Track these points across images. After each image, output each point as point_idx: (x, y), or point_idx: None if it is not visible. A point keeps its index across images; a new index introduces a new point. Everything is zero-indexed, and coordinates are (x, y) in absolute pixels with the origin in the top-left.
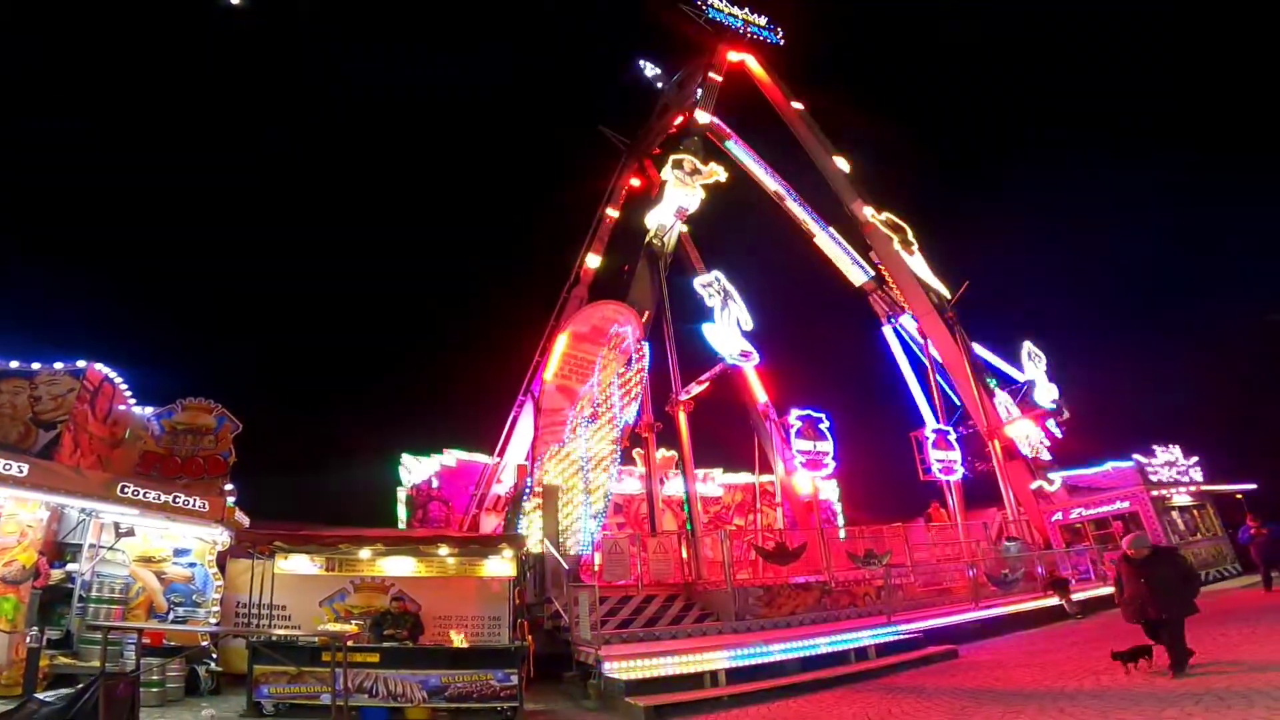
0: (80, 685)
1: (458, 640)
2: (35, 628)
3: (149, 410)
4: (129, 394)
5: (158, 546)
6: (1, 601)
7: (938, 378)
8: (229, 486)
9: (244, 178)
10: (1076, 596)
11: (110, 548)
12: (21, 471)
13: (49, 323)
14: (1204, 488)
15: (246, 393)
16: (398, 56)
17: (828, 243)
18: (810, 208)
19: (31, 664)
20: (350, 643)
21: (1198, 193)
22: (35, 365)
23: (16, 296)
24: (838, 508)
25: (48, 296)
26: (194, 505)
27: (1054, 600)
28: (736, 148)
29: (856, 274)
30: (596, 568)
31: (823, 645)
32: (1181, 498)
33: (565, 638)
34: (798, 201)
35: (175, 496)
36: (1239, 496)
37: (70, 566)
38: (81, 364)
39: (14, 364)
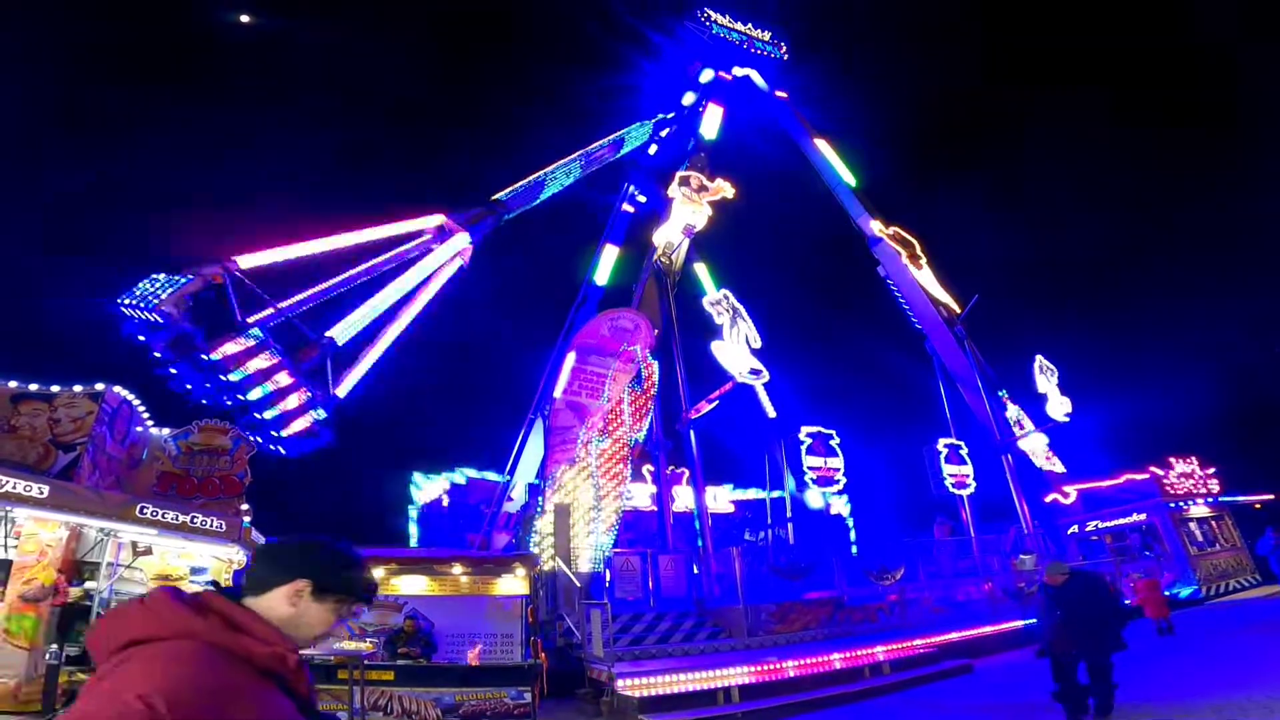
0: None
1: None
2: (54, 645)
3: (166, 431)
4: (146, 416)
5: (175, 565)
6: (21, 619)
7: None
8: (245, 506)
9: (253, 188)
10: None
11: (128, 566)
12: (41, 493)
13: (68, 345)
14: (1222, 498)
15: None
16: (396, 62)
17: None
18: None
19: (51, 680)
20: (365, 661)
21: (1216, 198)
22: (55, 388)
23: (37, 319)
24: (850, 523)
25: (68, 319)
26: (211, 525)
27: None
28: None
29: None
30: (608, 585)
31: (837, 661)
32: (1199, 508)
33: (578, 655)
34: None
35: (193, 516)
36: (1258, 506)
37: (89, 584)
38: (100, 386)
39: (33, 386)
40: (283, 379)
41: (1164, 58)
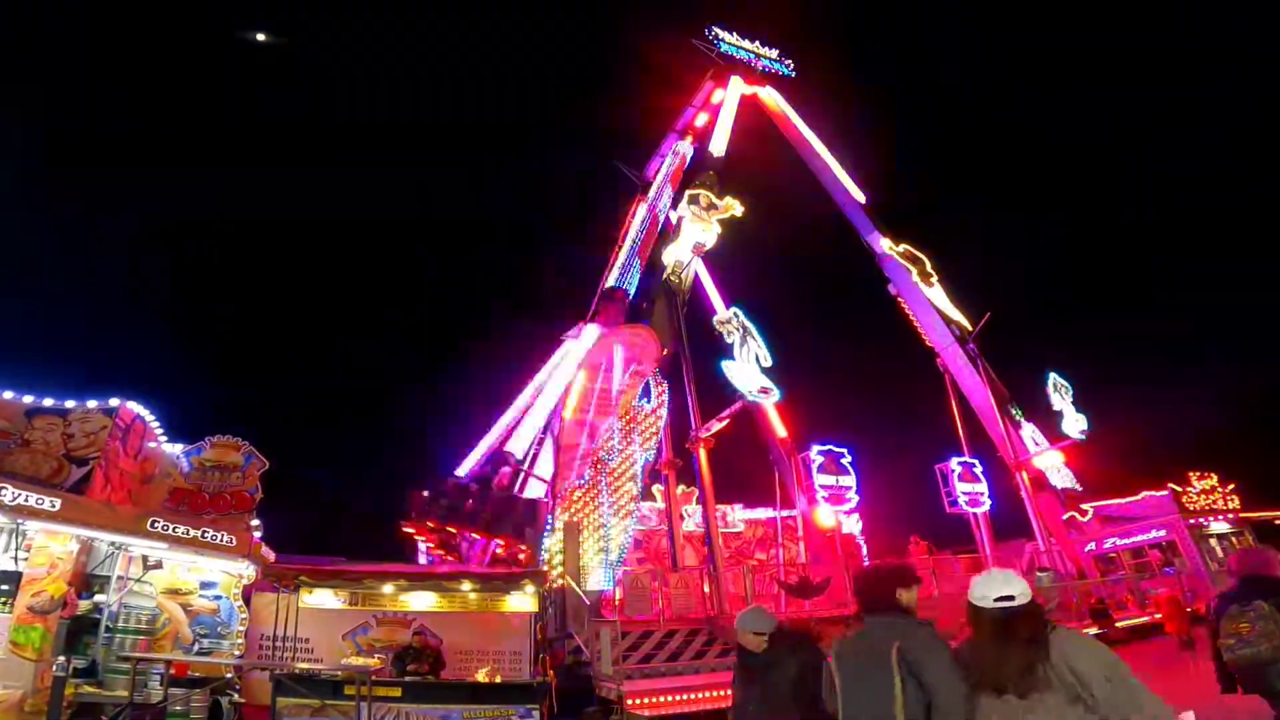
0: (106, 717)
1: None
2: (62, 656)
3: (179, 447)
4: (160, 431)
5: (184, 579)
6: (29, 631)
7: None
8: (255, 521)
9: (269, 214)
10: (1117, 625)
11: (138, 580)
12: (53, 506)
13: (84, 361)
14: (1242, 515)
15: (274, 429)
16: (409, 85)
17: None
18: None
19: (57, 692)
20: (373, 677)
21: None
22: (69, 403)
23: (53, 335)
24: (861, 541)
25: (85, 336)
26: (221, 540)
27: (1093, 630)
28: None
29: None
30: (617, 602)
31: None
32: (1220, 525)
33: (587, 673)
34: None
35: (203, 531)
36: (1278, 522)
37: (98, 597)
38: (114, 402)
39: (48, 401)
40: None
41: (1174, 55)
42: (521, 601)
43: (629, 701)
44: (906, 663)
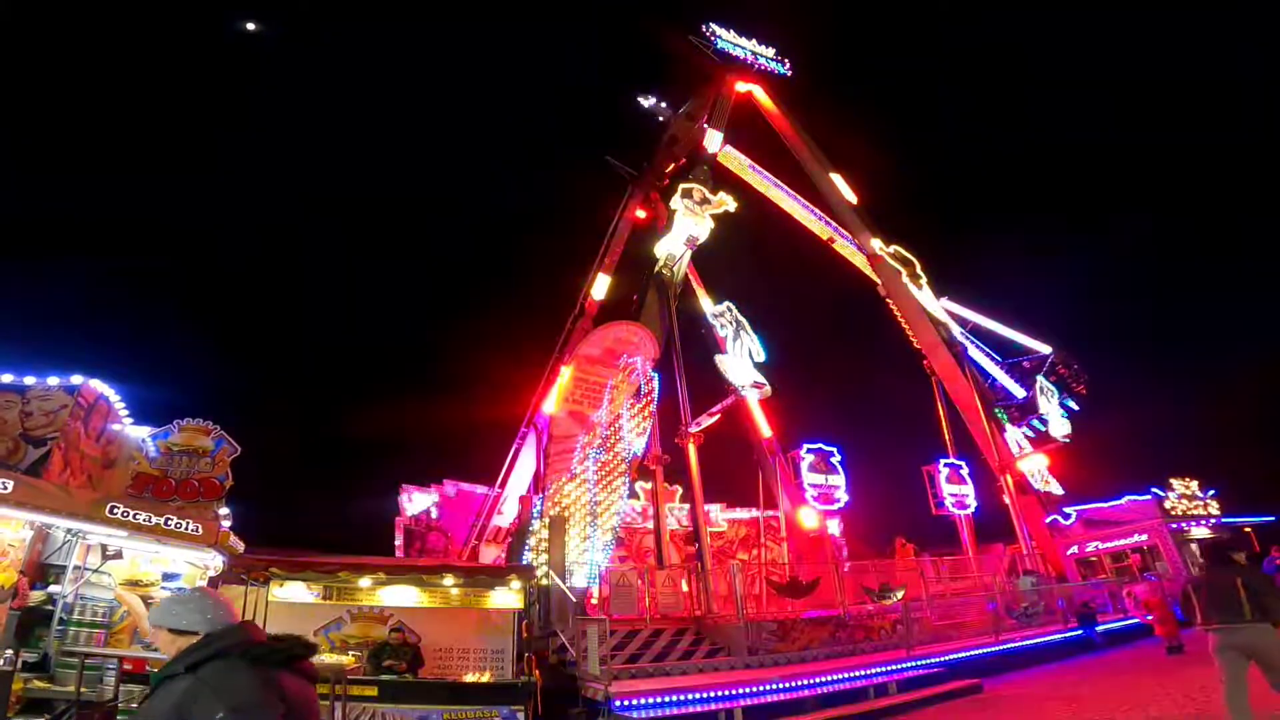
0: (52, 714)
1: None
2: (10, 650)
3: (145, 430)
4: (125, 413)
5: (146, 570)
6: None
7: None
8: (224, 510)
9: (249, 206)
10: (1100, 628)
11: (96, 570)
12: (4, 488)
13: (51, 337)
14: (1223, 520)
15: (248, 416)
16: (401, 78)
17: (847, 248)
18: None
19: (3, 687)
20: (346, 675)
21: (1217, 213)
22: (29, 380)
23: (15, 309)
24: (842, 542)
25: (49, 311)
26: (186, 528)
27: (1077, 631)
28: (751, 171)
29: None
30: (599, 600)
31: (842, 680)
32: (1200, 530)
33: (571, 672)
34: (816, 214)
35: (167, 519)
36: (1246, 530)
37: (53, 588)
38: (77, 380)
39: (7, 377)
40: None
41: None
42: (506, 598)
43: (616, 703)
44: (1249, 587)
